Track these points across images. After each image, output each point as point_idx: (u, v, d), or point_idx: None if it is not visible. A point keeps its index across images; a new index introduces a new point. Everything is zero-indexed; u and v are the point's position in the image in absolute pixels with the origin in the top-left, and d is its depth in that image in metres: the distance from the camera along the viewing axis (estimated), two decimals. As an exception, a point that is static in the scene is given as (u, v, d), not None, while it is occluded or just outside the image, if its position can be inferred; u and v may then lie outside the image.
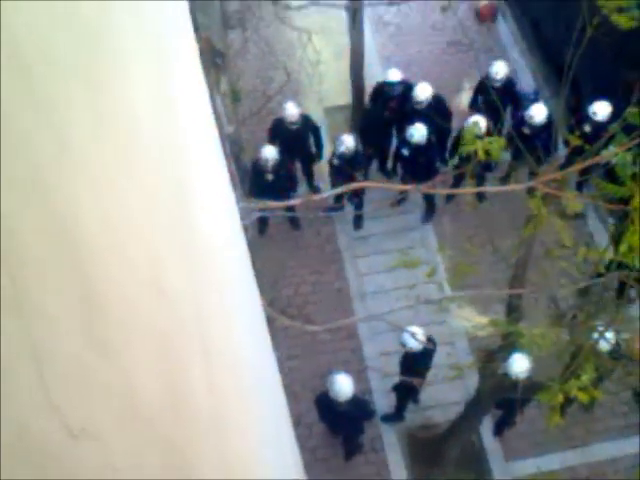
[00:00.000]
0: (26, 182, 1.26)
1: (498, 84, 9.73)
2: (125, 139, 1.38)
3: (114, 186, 1.38)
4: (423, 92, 9.81)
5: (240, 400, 2.09)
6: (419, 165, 9.59)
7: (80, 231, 1.36)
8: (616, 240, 5.30)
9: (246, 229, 2.30)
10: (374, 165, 10.64)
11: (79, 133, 1.29)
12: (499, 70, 9.82)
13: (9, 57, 1.15)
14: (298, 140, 9.97)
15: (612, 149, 5.54)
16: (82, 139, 1.30)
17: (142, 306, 1.54)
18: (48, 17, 1.19)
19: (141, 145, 1.42)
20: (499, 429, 8.83)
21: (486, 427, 8.80)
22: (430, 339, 8.05)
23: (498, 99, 8.81)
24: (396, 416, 9.00)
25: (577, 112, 9.92)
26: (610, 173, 5.59)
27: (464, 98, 11.13)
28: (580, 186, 9.33)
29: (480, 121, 8.98)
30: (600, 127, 8.96)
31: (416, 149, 9.56)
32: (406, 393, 8.73)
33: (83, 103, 1.28)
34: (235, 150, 10.12)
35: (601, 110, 9.23)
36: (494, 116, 9.07)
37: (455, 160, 9.93)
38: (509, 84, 9.99)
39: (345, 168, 9.52)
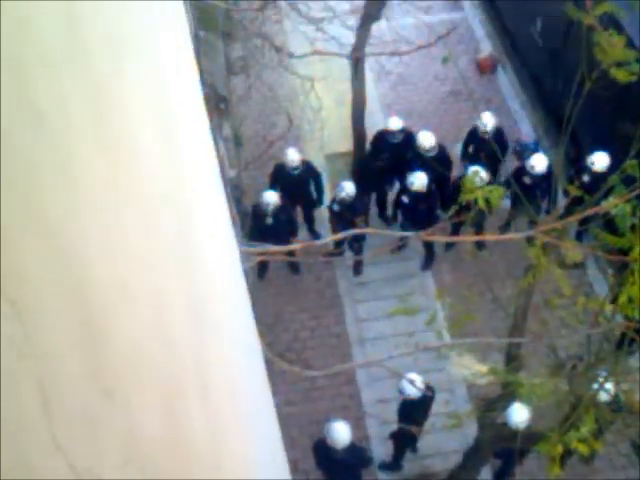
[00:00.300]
0: (29, 219, 1.27)
1: (487, 135, 9.81)
2: (130, 180, 1.40)
3: (118, 224, 1.39)
4: (428, 140, 9.93)
5: (237, 436, 2.09)
6: (419, 212, 9.66)
7: (85, 270, 1.37)
8: (615, 291, 5.31)
9: (246, 273, 2.31)
10: (373, 210, 10.70)
11: (86, 169, 1.31)
12: (487, 121, 9.94)
13: (18, 92, 1.18)
14: (299, 186, 10.06)
15: (612, 200, 5.58)
16: (88, 175, 1.31)
17: (145, 345, 1.55)
18: (59, 55, 1.22)
19: (146, 185, 1.44)
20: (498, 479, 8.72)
21: (485, 477, 8.69)
22: (429, 387, 8.00)
23: (489, 149, 8.92)
24: (394, 465, 8.90)
25: (576, 163, 10.02)
26: (609, 224, 5.62)
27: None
28: (580, 236, 9.37)
29: (480, 171, 9.05)
30: (599, 178, 9.04)
31: (416, 197, 9.64)
32: (404, 441, 8.65)
33: (90, 138, 1.30)
34: (236, 194, 10.20)
35: (599, 161, 9.33)
36: (486, 166, 9.18)
37: (454, 208, 9.98)
38: (498, 134, 10.08)
39: (345, 214, 9.58)
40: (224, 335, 1.90)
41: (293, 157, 9.81)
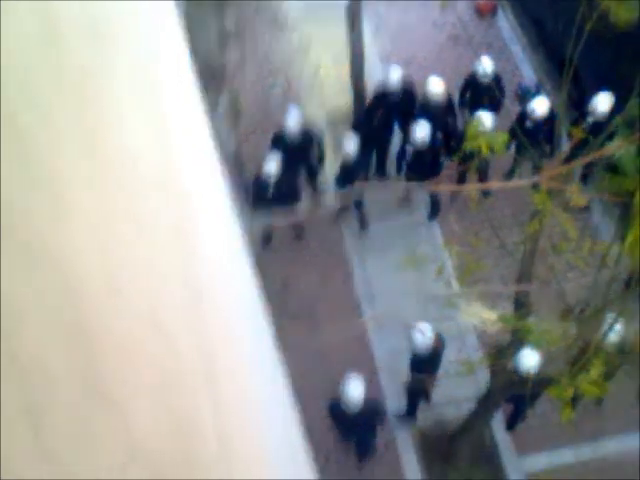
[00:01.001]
0: (22, 239, 1.23)
1: (487, 80, 9.68)
2: (118, 169, 1.35)
3: (107, 216, 1.35)
4: (437, 86, 9.80)
5: (249, 432, 2.02)
6: (424, 163, 9.60)
7: (78, 279, 1.33)
8: (621, 234, 5.30)
9: (250, 244, 2.25)
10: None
11: (74, 183, 1.28)
12: (487, 66, 9.79)
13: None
14: (300, 152, 9.88)
15: (616, 142, 5.54)
16: (77, 187, 1.28)
17: (141, 342, 1.49)
18: (39, 64, 1.17)
19: (135, 174, 1.39)
20: (511, 424, 8.83)
21: (498, 422, 8.80)
22: (439, 337, 8.05)
23: (490, 94, 8.81)
24: (408, 416, 9.01)
25: (579, 105, 9.91)
26: (614, 166, 5.59)
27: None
28: (585, 179, 9.33)
29: (485, 117, 8.99)
30: (603, 119, 8.95)
31: (420, 146, 9.57)
32: (417, 393, 8.74)
33: (76, 151, 1.26)
34: (237, 166, 10.12)
35: (603, 102, 9.22)
36: (487, 111, 9.10)
37: (458, 155, 9.93)
38: (496, 79, 9.94)
39: (349, 169, 9.55)
40: (228, 324, 1.84)
41: (292, 123, 9.64)
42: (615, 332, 5.74)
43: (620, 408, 8.87)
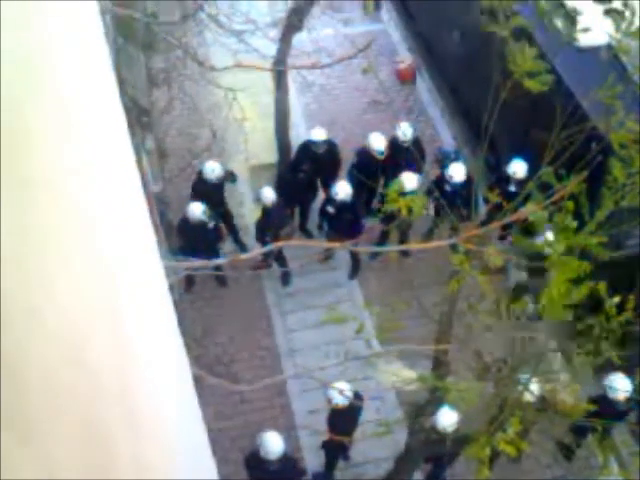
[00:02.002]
0: None
1: (407, 144, 10.00)
2: (46, 213, 1.35)
3: (39, 267, 1.34)
4: (379, 142, 10.06)
5: (167, 469, 2.03)
6: (345, 222, 9.74)
7: (4, 317, 1.31)
8: (536, 294, 5.47)
9: (172, 287, 2.26)
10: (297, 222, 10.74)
11: None
12: (406, 130, 10.12)
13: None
14: (218, 194, 10.07)
15: (529, 206, 5.75)
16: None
17: (63, 383, 1.49)
18: None
19: (62, 215, 1.39)
20: (429, 484, 8.83)
21: (416, 482, 8.80)
22: (357, 395, 8.06)
23: (409, 158, 9.06)
24: (326, 474, 8.91)
25: (495, 170, 10.28)
26: (528, 229, 5.80)
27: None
28: (502, 240, 9.63)
29: (408, 177, 9.24)
30: (517, 185, 9.32)
31: (341, 206, 9.72)
32: (335, 450, 8.67)
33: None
34: (161, 207, 10.07)
35: (519, 169, 9.61)
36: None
37: (379, 217, 10.14)
38: (416, 143, 10.26)
39: (269, 221, 9.60)
40: (149, 359, 1.85)
41: (211, 176, 9.88)
42: (531, 391, 5.86)
43: (537, 467, 9.01)
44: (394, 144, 10.33)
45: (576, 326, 5.34)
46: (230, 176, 10.52)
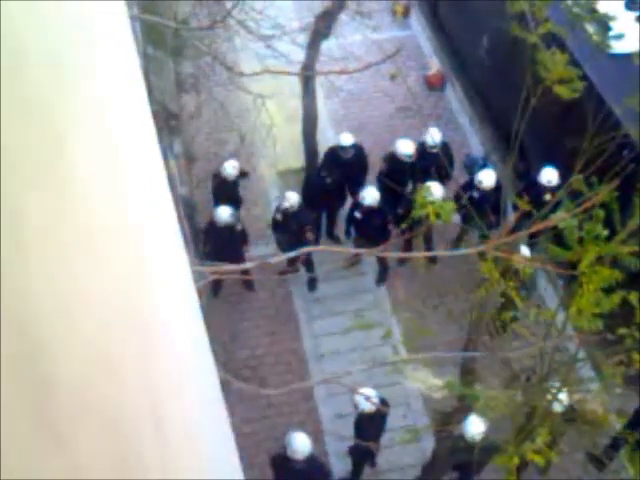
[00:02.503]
0: None
1: (435, 150, 9.97)
2: (73, 213, 1.36)
3: (62, 259, 1.35)
4: (408, 147, 10.06)
5: (194, 470, 2.05)
6: (372, 228, 9.72)
7: (26, 305, 1.33)
8: (566, 303, 5.41)
9: (200, 292, 2.27)
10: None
11: (29, 216, 1.28)
12: (434, 136, 10.10)
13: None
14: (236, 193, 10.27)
15: (559, 214, 5.71)
16: (33, 221, 1.28)
17: (90, 383, 1.50)
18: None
19: (90, 218, 1.40)
20: (456, 493, 8.78)
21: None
22: (383, 401, 8.04)
23: (437, 164, 9.03)
24: (353, 480, 8.90)
25: (525, 177, 10.20)
26: (558, 237, 5.74)
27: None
28: (532, 248, 9.54)
29: (434, 186, 9.20)
30: (547, 192, 9.24)
31: (369, 212, 9.70)
32: (362, 456, 8.65)
33: (31, 181, 1.27)
34: (188, 211, 10.15)
35: (550, 176, 9.53)
36: (436, 180, 9.35)
37: (406, 223, 10.11)
38: (445, 149, 10.24)
39: (290, 225, 9.61)
40: (177, 363, 1.86)
41: (233, 165, 10.08)
42: (560, 400, 5.81)
43: (566, 478, 8.90)
44: (422, 149, 10.31)
45: (607, 336, 5.28)
46: (243, 175, 10.65)
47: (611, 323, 5.06)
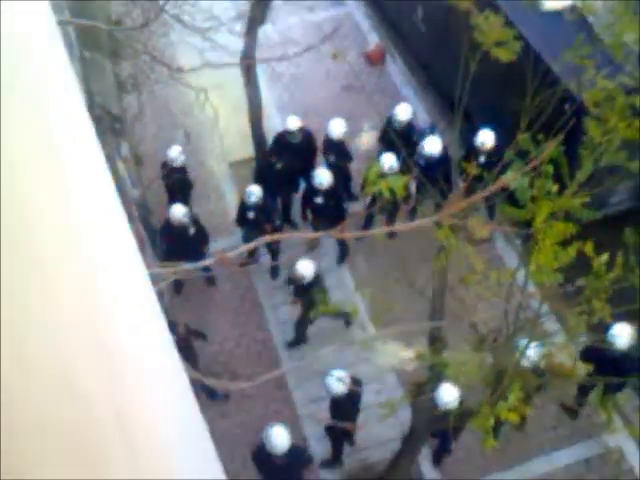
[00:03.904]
0: None
1: (401, 125, 10.01)
2: (17, 231, 1.32)
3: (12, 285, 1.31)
4: (339, 127, 10.04)
5: (161, 472, 2.00)
6: (328, 209, 9.72)
7: None
8: (525, 261, 5.49)
9: (161, 292, 2.23)
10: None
11: None
12: (402, 112, 10.14)
13: None
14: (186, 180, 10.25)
15: (510, 174, 5.76)
16: None
17: (54, 411, 1.46)
18: None
19: (37, 237, 1.36)
20: (437, 458, 8.88)
21: (425, 458, 8.84)
22: (356, 380, 8.06)
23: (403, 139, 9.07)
24: (334, 461, 8.94)
25: (470, 142, 10.27)
26: (511, 197, 5.80)
27: (364, 139, 11.45)
28: (491, 211, 9.65)
29: (388, 158, 9.26)
30: (492, 154, 9.33)
31: (324, 194, 9.69)
32: (340, 437, 8.69)
33: None
34: (143, 213, 10.02)
35: (487, 138, 9.61)
36: (399, 155, 9.37)
37: (364, 200, 10.15)
38: (411, 125, 10.30)
39: (258, 218, 9.58)
40: (141, 370, 1.81)
41: (175, 154, 10.05)
42: (528, 356, 5.89)
43: (542, 430, 9.07)
44: (389, 126, 10.32)
45: (568, 288, 5.37)
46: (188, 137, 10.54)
47: (570, 275, 5.14)
